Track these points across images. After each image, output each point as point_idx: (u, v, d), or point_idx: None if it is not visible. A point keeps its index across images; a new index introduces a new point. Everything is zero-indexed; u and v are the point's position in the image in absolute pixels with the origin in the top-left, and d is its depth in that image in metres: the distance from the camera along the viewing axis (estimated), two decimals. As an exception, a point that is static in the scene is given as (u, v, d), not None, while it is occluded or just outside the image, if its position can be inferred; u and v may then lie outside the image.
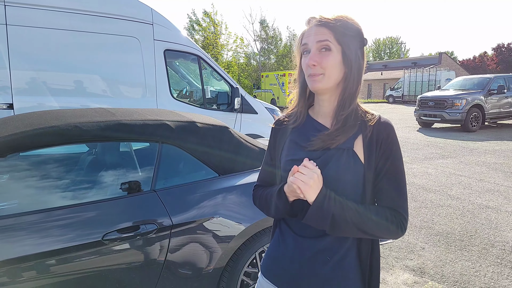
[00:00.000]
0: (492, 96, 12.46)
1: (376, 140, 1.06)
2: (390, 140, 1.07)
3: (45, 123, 2.11)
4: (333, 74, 1.06)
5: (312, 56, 1.04)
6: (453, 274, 3.18)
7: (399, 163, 1.08)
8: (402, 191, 1.07)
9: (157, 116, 2.41)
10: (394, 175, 1.07)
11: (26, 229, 1.78)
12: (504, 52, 45.84)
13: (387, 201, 1.07)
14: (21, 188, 2.04)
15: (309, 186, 0.99)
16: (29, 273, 1.72)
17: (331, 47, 1.04)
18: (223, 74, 5.64)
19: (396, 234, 1.05)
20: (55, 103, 4.17)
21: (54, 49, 4.19)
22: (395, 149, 1.08)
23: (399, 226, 1.05)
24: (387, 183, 1.07)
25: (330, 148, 1.07)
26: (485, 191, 5.56)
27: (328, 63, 1.04)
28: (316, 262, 1.11)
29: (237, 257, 2.27)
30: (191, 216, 2.13)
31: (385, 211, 1.05)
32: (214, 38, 30.35)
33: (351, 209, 1.02)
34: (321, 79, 1.05)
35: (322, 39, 1.03)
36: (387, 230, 1.04)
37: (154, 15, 4.88)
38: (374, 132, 1.07)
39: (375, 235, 1.05)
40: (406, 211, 1.07)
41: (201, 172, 2.34)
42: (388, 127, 1.08)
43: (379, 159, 1.06)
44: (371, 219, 1.02)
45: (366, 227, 1.02)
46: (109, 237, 1.89)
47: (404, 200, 1.07)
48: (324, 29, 1.04)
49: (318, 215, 1.01)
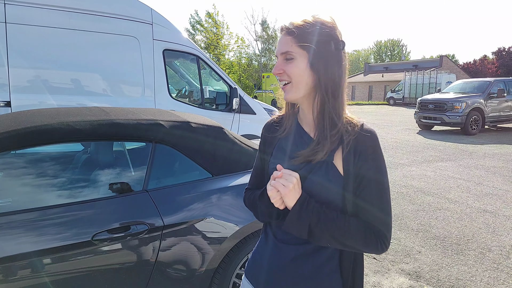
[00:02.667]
0: (492, 100, 12.44)
1: (354, 152, 1.01)
2: (369, 152, 1.01)
3: (37, 121, 2.09)
4: (300, 82, 1.03)
5: (277, 65, 1.05)
6: (449, 279, 3.15)
7: (379, 176, 1.01)
8: (383, 206, 1.01)
9: (151, 116, 2.39)
10: (374, 188, 1.01)
11: (15, 228, 1.76)
12: (505, 56, 45.77)
13: (367, 216, 1.01)
14: (11, 186, 2.02)
15: (289, 189, 0.99)
16: (16, 272, 1.70)
17: (294, 56, 1.02)
18: (222, 74, 5.64)
19: (376, 250, 1.00)
20: (53, 101, 4.16)
21: (53, 47, 4.18)
22: (376, 161, 1.01)
23: (379, 243, 1.00)
24: (367, 197, 1.01)
25: (311, 161, 1.05)
26: (483, 194, 5.53)
27: (293, 71, 1.02)
28: (293, 269, 1.09)
29: (229, 258, 2.25)
30: (183, 216, 2.11)
31: (365, 226, 1.00)
32: (216, 39, 30.36)
33: (330, 218, 0.99)
34: (289, 88, 1.05)
35: (284, 50, 1.03)
36: (365, 244, 1.00)
37: (153, 15, 4.88)
38: (353, 144, 1.01)
39: (354, 248, 1.02)
40: (387, 226, 1.01)
41: (194, 172, 2.32)
42: (368, 139, 1.02)
43: (358, 171, 1.01)
44: (349, 231, 0.99)
45: (344, 238, 0.99)
46: (99, 237, 1.87)
47: (385, 215, 1.01)
48: (287, 38, 1.03)
49: (296, 221, 1.00)
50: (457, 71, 39.31)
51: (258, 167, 1.27)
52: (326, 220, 0.99)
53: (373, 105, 32.32)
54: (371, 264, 3.41)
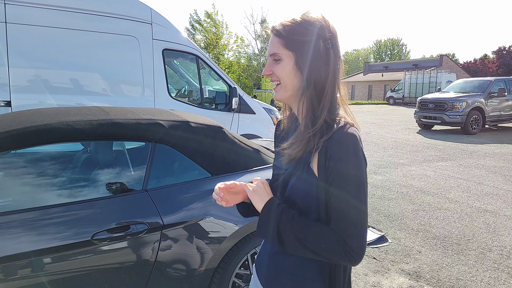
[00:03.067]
0: (492, 99, 12.43)
1: (325, 156, 0.97)
2: (337, 158, 0.95)
3: (37, 121, 2.09)
4: (288, 83, 1.04)
5: (266, 67, 1.08)
6: (449, 279, 3.15)
7: (346, 185, 0.94)
8: (349, 216, 0.94)
9: (150, 116, 2.38)
10: (340, 196, 0.95)
11: (14, 227, 1.76)
12: (505, 55, 45.76)
13: (333, 224, 0.96)
14: (11, 186, 2.02)
15: (254, 192, 1.08)
16: (15, 272, 1.70)
17: (281, 57, 1.03)
18: (222, 74, 5.63)
19: (343, 261, 0.95)
20: (53, 101, 4.16)
21: (53, 47, 4.18)
22: (343, 168, 0.94)
23: (345, 254, 0.93)
24: (334, 204, 0.96)
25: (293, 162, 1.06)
26: (484, 194, 5.53)
27: (280, 72, 1.04)
28: (276, 261, 1.14)
29: (228, 258, 2.25)
30: (182, 216, 2.11)
31: (330, 233, 0.96)
32: (215, 39, 30.34)
33: (298, 224, 0.98)
34: (279, 88, 1.07)
35: (271, 52, 1.05)
36: (334, 254, 0.95)
37: (153, 14, 4.87)
38: (324, 147, 0.97)
39: (325, 257, 0.97)
40: (354, 238, 0.93)
41: (194, 172, 2.31)
42: (337, 143, 0.96)
43: (328, 177, 0.96)
44: (317, 239, 0.95)
45: (310, 244, 0.96)
46: (98, 236, 1.87)
47: (350, 225, 0.94)
48: (275, 39, 1.04)
49: (264, 224, 1.04)
50: (457, 70, 39.30)
51: None
52: (290, 222, 0.99)
53: (372, 105, 32.31)
54: (371, 264, 3.41)
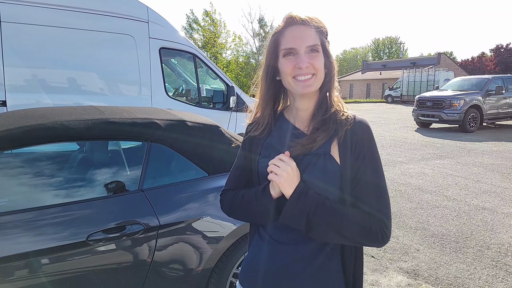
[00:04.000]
0: (490, 97, 12.44)
1: (350, 142, 1.03)
2: (364, 141, 1.03)
3: (31, 121, 2.07)
4: (321, 75, 1.06)
5: (305, 58, 1.02)
6: (447, 277, 3.14)
7: (375, 165, 1.03)
8: (381, 195, 1.02)
9: (146, 115, 2.36)
10: (371, 178, 1.02)
11: (9, 228, 1.74)
12: (503, 53, 45.79)
13: (365, 206, 1.01)
14: (5, 186, 1.99)
15: (283, 178, 0.99)
16: (10, 273, 1.68)
17: (319, 49, 1.05)
18: (219, 72, 5.61)
19: (377, 241, 0.99)
20: (49, 101, 4.13)
21: (49, 46, 4.15)
22: (371, 150, 1.03)
23: (380, 232, 0.99)
24: (364, 187, 1.01)
25: (309, 153, 1.04)
26: (481, 192, 5.53)
27: (319, 65, 1.04)
28: (293, 270, 1.07)
29: (226, 258, 2.23)
30: (179, 216, 2.09)
31: (365, 216, 1.00)
32: (213, 37, 30.26)
33: (329, 208, 0.98)
34: (314, 80, 1.04)
35: (312, 43, 1.03)
36: (367, 235, 0.98)
37: (149, 13, 4.85)
38: (348, 134, 1.03)
39: (355, 240, 1.00)
40: (387, 215, 1.01)
41: (190, 171, 2.30)
42: (362, 128, 1.04)
43: (355, 161, 1.02)
44: (348, 221, 0.98)
45: (344, 230, 0.98)
46: (94, 237, 1.85)
47: (383, 204, 1.01)
48: (310, 31, 1.03)
49: (293, 211, 0.99)
50: (455, 69, 39.36)
51: (243, 167, 1.21)
52: (325, 209, 0.98)
53: (371, 103, 32.33)
54: (369, 263, 3.40)
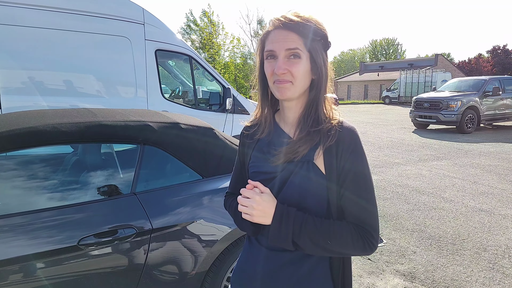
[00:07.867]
0: (487, 98, 12.46)
1: (336, 150, 0.98)
2: (351, 149, 0.98)
3: (23, 124, 2.04)
4: (301, 83, 0.99)
5: (281, 64, 0.96)
6: (444, 279, 3.13)
7: (362, 174, 0.99)
8: (368, 205, 0.98)
9: (140, 117, 2.34)
10: (357, 187, 0.98)
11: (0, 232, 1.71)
12: (500, 54, 45.94)
13: (351, 216, 0.99)
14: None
15: (254, 214, 0.98)
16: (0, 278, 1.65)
17: (301, 54, 0.97)
18: (215, 74, 5.60)
19: (364, 251, 0.98)
20: (44, 103, 4.11)
21: (44, 48, 4.13)
22: (358, 159, 0.98)
23: (366, 244, 0.97)
24: (351, 196, 0.98)
25: (293, 160, 1.01)
26: (479, 193, 5.52)
27: (299, 72, 0.97)
28: (282, 275, 1.05)
29: (220, 262, 2.20)
30: (172, 220, 2.07)
31: (350, 228, 0.97)
32: (211, 39, 30.25)
33: (312, 228, 0.96)
34: (289, 87, 0.98)
35: (292, 46, 0.96)
36: (353, 248, 0.97)
37: (145, 15, 4.83)
38: (334, 142, 0.98)
39: (342, 253, 0.99)
40: (374, 226, 0.98)
41: (184, 174, 2.27)
42: (350, 135, 0.99)
43: (341, 170, 0.98)
44: (334, 236, 0.96)
45: (330, 245, 0.96)
46: (85, 241, 1.83)
47: (370, 214, 0.98)
48: (293, 35, 0.96)
49: (278, 236, 0.98)
50: (453, 70, 39.45)
51: (239, 170, 1.24)
52: (308, 229, 0.96)
53: (368, 104, 32.35)
54: (366, 265, 3.38)
